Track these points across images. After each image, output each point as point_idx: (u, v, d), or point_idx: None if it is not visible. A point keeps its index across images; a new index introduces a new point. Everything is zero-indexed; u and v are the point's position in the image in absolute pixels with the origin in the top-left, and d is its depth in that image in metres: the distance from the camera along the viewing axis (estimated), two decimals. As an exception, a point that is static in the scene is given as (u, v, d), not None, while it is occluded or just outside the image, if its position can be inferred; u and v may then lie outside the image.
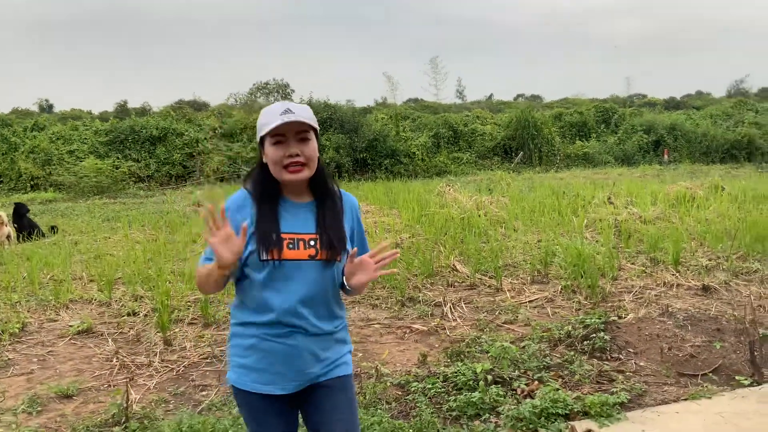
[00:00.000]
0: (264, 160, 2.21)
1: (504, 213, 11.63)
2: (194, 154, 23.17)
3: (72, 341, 5.88)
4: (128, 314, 6.58)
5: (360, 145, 23.71)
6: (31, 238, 10.58)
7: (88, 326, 6.13)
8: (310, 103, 26.01)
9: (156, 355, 5.44)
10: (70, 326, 6.18)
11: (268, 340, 2.18)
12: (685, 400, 4.09)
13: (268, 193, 2.22)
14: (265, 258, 2.14)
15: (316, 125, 2.20)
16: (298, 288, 2.16)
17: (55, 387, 4.65)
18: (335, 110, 25.36)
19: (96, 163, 19.83)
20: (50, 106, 60.66)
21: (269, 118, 2.15)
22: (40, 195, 18.92)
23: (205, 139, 24.17)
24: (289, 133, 2.14)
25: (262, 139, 2.19)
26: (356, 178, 22.23)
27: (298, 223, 2.20)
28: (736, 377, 4.60)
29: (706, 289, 7.08)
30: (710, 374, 4.70)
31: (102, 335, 6.02)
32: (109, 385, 4.84)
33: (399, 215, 11.67)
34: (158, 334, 5.87)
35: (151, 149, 23.08)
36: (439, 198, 13.52)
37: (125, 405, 4.00)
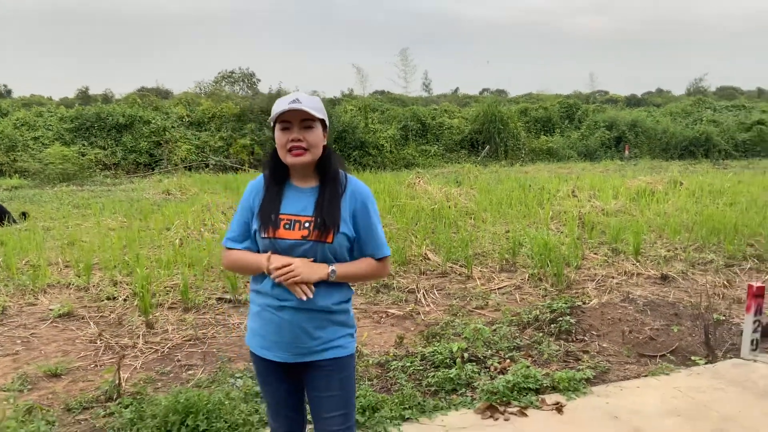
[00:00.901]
0: (276, 144, 2.42)
1: (473, 204, 11.95)
2: (161, 142, 23.02)
3: (54, 324, 5.98)
4: (107, 299, 6.68)
5: (329, 137, 23.81)
6: (2, 223, 10.54)
7: (69, 310, 6.23)
8: (278, 94, 26.02)
9: (139, 337, 5.58)
10: (51, 310, 6.27)
11: (266, 310, 2.40)
12: (645, 376, 4.42)
13: (277, 176, 2.44)
14: (264, 236, 2.36)
15: (321, 116, 2.39)
16: None
17: (44, 366, 4.77)
18: (304, 101, 25.38)
19: (62, 150, 19.60)
20: (8, 92, 59.20)
21: (279, 106, 2.37)
22: (5, 181, 18.63)
23: (173, 127, 24.01)
24: (294, 120, 2.35)
25: (274, 124, 2.39)
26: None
27: (298, 206, 2.39)
28: (692, 357, 4.95)
29: (664, 278, 7.46)
30: (668, 355, 5.04)
31: (83, 318, 6.13)
32: (96, 365, 4.98)
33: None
34: (140, 317, 6.00)
35: (117, 137, 22.85)
36: (410, 189, 13.78)
37: (117, 382, 4.16)
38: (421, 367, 4.55)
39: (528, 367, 4.31)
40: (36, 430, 3.48)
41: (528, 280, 7.40)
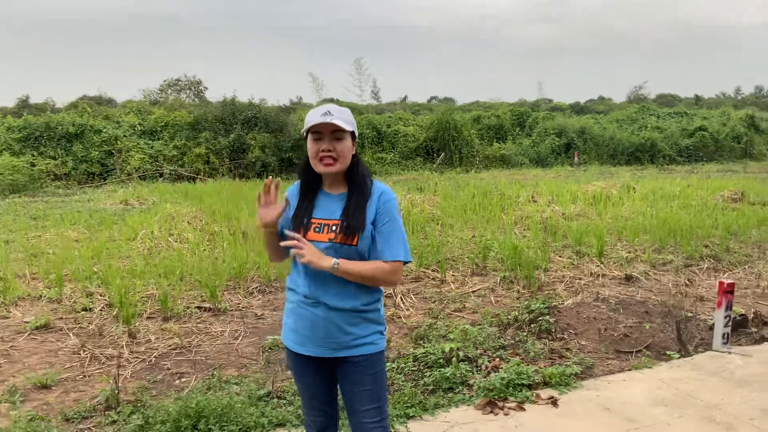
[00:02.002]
0: (308, 153, 2.54)
1: (438, 211, 12.15)
2: (113, 151, 22.58)
3: (32, 336, 5.88)
4: (83, 310, 6.59)
5: (286, 145, 23.78)
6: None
7: (46, 322, 6.13)
8: (232, 103, 25.83)
9: (123, 347, 5.55)
10: (27, 322, 6.16)
11: (301, 306, 2.54)
12: (629, 370, 4.64)
13: (309, 183, 2.59)
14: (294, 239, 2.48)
15: (350, 128, 2.52)
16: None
17: (33, 378, 4.71)
18: (259, 109, 25.31)
19: (11, 161, 19.03)
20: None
21: (312, 117, 2.49)
22: (-48, 193, 18.00)
23: (125, 136, 23.58)
24: (325, 131, 2.48)
25: (306, 134, 2.50)
26: (283, 178, 22.30)
27: (328, 210, 2.53)
28: (667, 352, 5.20)
29: (628, 278, 7.78)
30: (644, 350, 5.29)
31: (62, 330, 6.04)
32: (84, 376, 4.93)
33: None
34: (121, 327, 5.96)
35: (67, 146, 22.27)
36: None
37: (117, 390, 4.15)
38: (415, 368, 4.67)
39: (519, 364, 4.47)
40: (48, 438, 3.45)
41: (500, 283, 7.61)
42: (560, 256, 8.86)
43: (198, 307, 6.67)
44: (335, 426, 2.76)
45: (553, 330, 5.65)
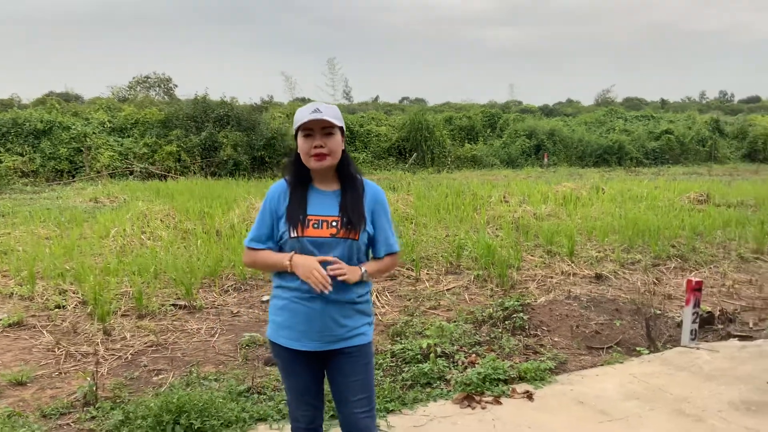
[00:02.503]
0: (298, 150, 2.58)
1: (411, 210, 12.24)
2: (82, 148, 22.25)
3: (4, 334, 5.82)
4: (56, 307, 6.54)
5: (258, 144, 23.66)
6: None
7: (19, 319, 6.07)
8: (204, 101, 25.61)
9: (99, 344, 5.52)
10: (-1, 320, 6.09)
11: (295, 302, 2.57)
12: (602, 365, 4.77)
13: (300, 181, 2.63)
14: (293, 235, 2.54)
15: (340, 124, 2.59)
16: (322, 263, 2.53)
17: (8, 375, 4.67)
18: (231, 108, 25.15)
19: (-23, 158, 18.69)
20: None
21: (302, 115, 2.55)
22: None
23: (94, 133, 23.25)
24: (316, 128, 2.54)
25: (297, 132, 2.55)
26: (255, 176, 22.22)
27: (324, 207, 2.59)
28: (637, 348, 5.35)
29: (598, 277, 7.94)
30: (614, 346, 5.42)
31: (35, 327, 5.99)
32: (60, 373, 4.91)
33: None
34: (95, 325, 5.92)
35: (35, 143, 21.89)
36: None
37: (95, 387, 4.14)
38: (393, 364, 4.74)
39: (495, 359, 4.57)
40: (29, 433, 3.44)
41: (474, 281, 7.71)
42: (532, 256, 9.00)
43: (173, 305, 6.66)
44: (321, 418, 2.81)
45: (526, 327, 5.76)
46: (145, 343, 5.60)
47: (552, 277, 7.90)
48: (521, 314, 5.89)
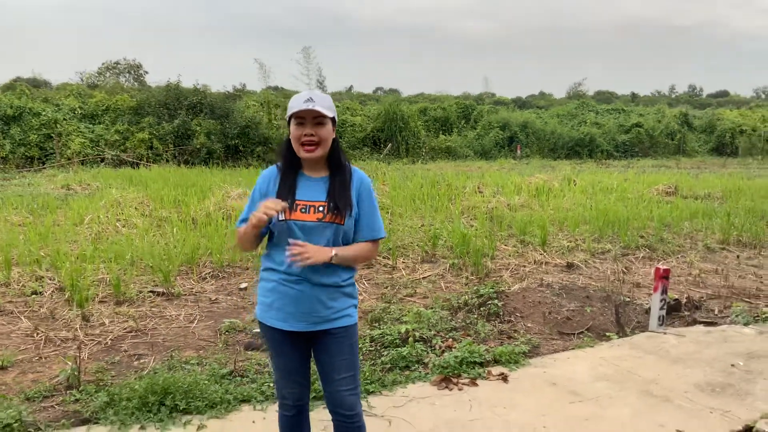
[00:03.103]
0: (290, 137, 2.66)
1: (387, 200, 12.33)
2: (53, 135, 21.93)
3: (-19, 320, 5.80)
4: (32, 294, 6.52)
5: (232, 132, 23.54)
6: None
7: (-5, 305, 6.06)
8: (177, 88, 25.39)
9: (77, 330, 5.54)
10: (-26, 306, 6.06)
11: (283, 284, 2.66)
12: (573, 349, 4.94)
13: (290, 167, 2.72)
14: (281, 219, 2.62)
15: (331, 114, 2.66)
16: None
17: (-12, 359, 4.68)
18: (205, 95, 24.98)
19: (-55, 143, 18.34)
20: None
21: (295, 103, 2.63)
22: None
23: (65, 119, 22.93)
24: (308, 116, 2.62)
25: (290, 119, 2.63)
26: (229, 165, 22.13)
27: (312, 193, 2.67)
28: (607, 334, 5.53)
29: (569, 266, 8.13)
30: (585, 332, 5.60)
31: (12, 313, 5.98)
32: (41, 357, 4.93)
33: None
34: (72, 311, 5.94)
35: (4, 129, 21.52)
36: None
37: (78, 370, 4.19)
38: (372, 348, 4.85)
39: (471, 344, 4.71)
40: (17, 414, 3.48)
41: (449, 269, 7.85)
42: (505, 245, 9.16)
43: (151, 292, 6.68)
44: (308, 395, 2.91)
45: (501, 313, 5.91)
46: (125, 328, 5.63)
47: (525, 266, 8.07)
48: (496, 301, 6.04)
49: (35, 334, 5.42)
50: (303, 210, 2.64)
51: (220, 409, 3.65)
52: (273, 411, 3.76)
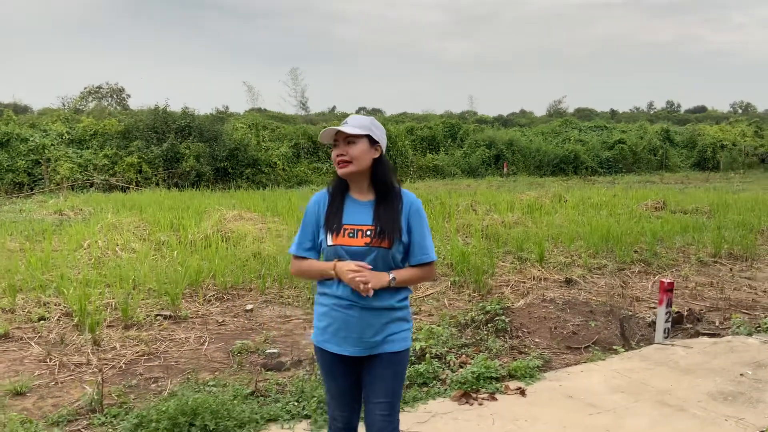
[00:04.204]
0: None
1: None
2: (41, 161, 21.86)
3: (-9, 346, 5.80)
4: (39, 319, 6.52)
5: (221, 154, 23.59)
6: None
7: (4, 331, 6.06)
8: (165, 111, 25.41)
9: (90, 354, 5.56)
10: (-17, 333, 6.06)
11: (335, 309, 2.71)
12: (585, 362, 5.05)
13: (338, 191, 2.79)
14: (329, 244, 2.70)
15: (361, 132, 2.71)
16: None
17: (5, 385, 4.69)
18: (193, 119, 25.04)
19: (-68, 170, 18.21)
20: None
21: (329, 131, 2.75)
22: None
23: (52, 145, 22.87)
24: (340, 137, 2.73)
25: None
26: (219, 187, 22.14)
27: (359, 216, 2.72)
28: (613, 347, 5.64)
29: (568, 281, 8.26)
30: (592, 346, 5.71)
31: (22, 339, 5.98)
32: (56, 383, 4.94)
33: (283, 222, 12.11)
34: (82, 336, 5.95)
35: (-9, 155, 21.49)
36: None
37: (101, 393, 4.22)
38: (388, 366, 4.93)
39: (486, 359, 4.80)
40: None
41: (450, 287, 7.94)
42: (503, 262, 9.29)
43: (158, 315, 6.71)
44: (357, 419, 2.92)
45: (508, 329, 6.00)
46: (137, 352, 5.66)
47: (524, 282, 8.19)
48: (503, 317, 6.14)
49: (48, 360, 5.44)
50: (351, 234, 2.68)
51: (249, 428, 3.71)
52: (301, 429, 3.82)
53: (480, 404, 4.16)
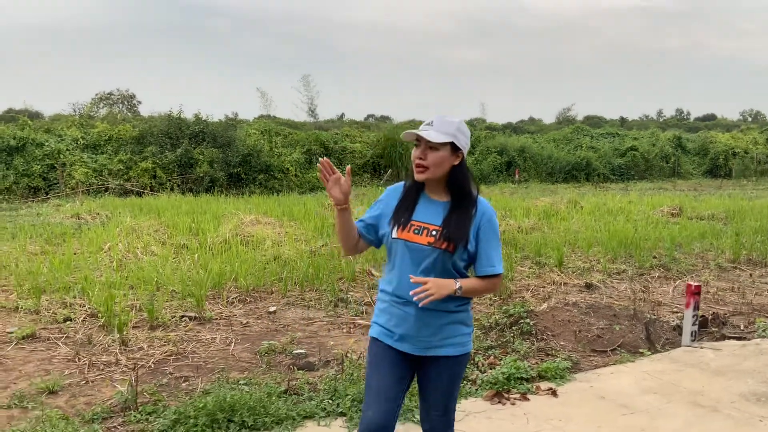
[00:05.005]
0: None
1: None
2: (56, 165, 22.02)
3: (20, 346, 5.85)
4: (64, 320, 6.58)
5: (234, 160, 23.69)
6: None
7: (31, 331, 6.11)
8: (179, 118, 25.52)
9: (117, 354, 5.60)
10: (10, 333, 6.12)
11: (393, 305, 2.71)
12: (614, 364, 5.05)
13: (414, 187, 2.75)
14: (394, 236, 2.68)
15: (444, 140, 2.61)
16: (414, 268, 2.64)
17: (38, 384, 4.74)
18: (206, 125, 25.17)
19: (-50, 174, 18.38)
20: None
21: (420, 126, 2.69)
22: None
23: (68, 150, 23.04)
24: (422, 139, 2.65)
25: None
26: (232, 193, 22.22)
27: (429, 215, 2.68)
28: (639, 350, 5.64)
29: (588, 286, 8.26)
30: (618, 349, 5.71)
31: (49, 340, 6.04)
32: (87, 381, 4.99)
33: (300, 226, 12.16)
34: (109, 336, 6.00)
35: (8, 160, 21.63)
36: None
37: (136, 391, 4.26)
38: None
39: (516, 360, 4.81)
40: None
41: (471, 291, 7.95)
42: (522, 267, 9.30)
43: (183, 317, 6.76)
44: (395, 417, 2.75)
45: (533, 332, 6.02)
46: (164, 352, 5.70)
47: (544, 287, 8.20)
48: (527, 320, 6.15)
49: (77, 359, 5.48)
50: (416, 231, 2.64)
51: (286, 425, 3.73)
52: (337, 426, 3.85)
53: (512, 404, 4.17)
